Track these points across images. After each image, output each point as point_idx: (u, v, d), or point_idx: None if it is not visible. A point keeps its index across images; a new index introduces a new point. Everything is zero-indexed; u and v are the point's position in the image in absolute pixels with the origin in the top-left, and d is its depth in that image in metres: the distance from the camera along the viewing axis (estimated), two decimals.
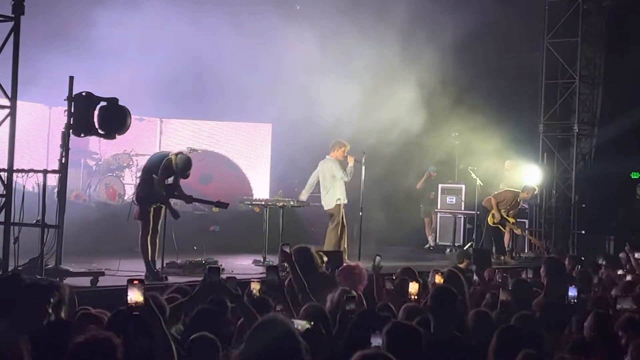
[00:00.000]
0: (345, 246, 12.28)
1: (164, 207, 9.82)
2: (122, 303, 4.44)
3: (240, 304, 5.48)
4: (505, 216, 14.97)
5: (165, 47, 13.78)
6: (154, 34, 13.27)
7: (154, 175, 9.72)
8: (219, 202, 10.22)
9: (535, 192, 15.96)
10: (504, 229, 15.09)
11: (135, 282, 4.24)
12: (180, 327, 5.30)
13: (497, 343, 4.94)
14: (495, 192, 15.37)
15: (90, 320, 5.09)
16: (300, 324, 4.78)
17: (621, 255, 11.65)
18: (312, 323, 4.86)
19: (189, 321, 5.26)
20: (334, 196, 12.33)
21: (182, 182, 10.09)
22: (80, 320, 5.15)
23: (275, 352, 3.86)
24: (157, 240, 9.73)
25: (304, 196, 12.70)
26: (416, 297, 6.43)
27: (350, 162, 12.31)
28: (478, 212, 15.44)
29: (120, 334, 4.09)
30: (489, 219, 14.99)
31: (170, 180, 9.88)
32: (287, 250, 6.85)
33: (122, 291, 4.38)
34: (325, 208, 12.54)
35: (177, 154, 9.91)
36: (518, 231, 15.41)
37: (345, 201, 12.46)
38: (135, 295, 4.22)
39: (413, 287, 6.55)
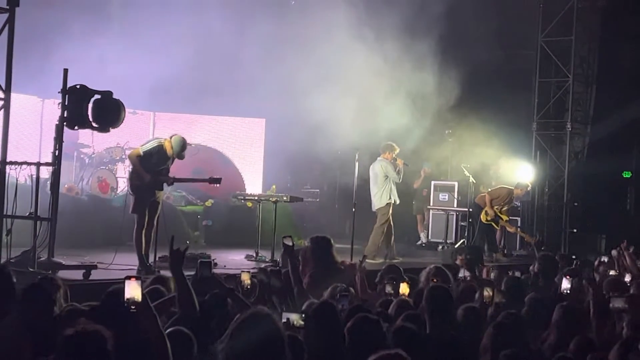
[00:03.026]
0: (392, 243, 12.85)
1: (160, 201, 9.81)
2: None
3: (234, 298, 5.47)
4: (498, 213, 14.97)
5: (160, 41, 13.73)
6: (149, 29, 13.22)
7: (139, 148, 9.72)
8: (211, 178, 10.30)
9: (528, 189, 16.00)
10: (497, 226, 15.10)
11: (133, 278, 4.20)
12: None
13: (488, 341, 4.92)
14: (489, 189, 15.38)
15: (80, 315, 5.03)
16: (293, 318, 4.78)
17: (613, 253, 11.57)
18: (303, 315, 4.86)
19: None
20: (386, 196, 12.92)
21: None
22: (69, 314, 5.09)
23: (259, 348, 3.81)
24: (152, 234, 9.71)
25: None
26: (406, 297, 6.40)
27: (400, 164, 13.02)
28: (470, 209, 15.45)
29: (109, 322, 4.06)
30: (482, 216, 14.98)
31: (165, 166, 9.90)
32: (289, 243, 6.76)
33: (115, 284, 4.36)
34: (376, 207, 13.05)
35: (170, 137, 9.94)
36: (512, 229, 15.40)
37: (398, 201, 13.18)
38: (132, 292, 4.19)
39: (404, 288, 6.54)
